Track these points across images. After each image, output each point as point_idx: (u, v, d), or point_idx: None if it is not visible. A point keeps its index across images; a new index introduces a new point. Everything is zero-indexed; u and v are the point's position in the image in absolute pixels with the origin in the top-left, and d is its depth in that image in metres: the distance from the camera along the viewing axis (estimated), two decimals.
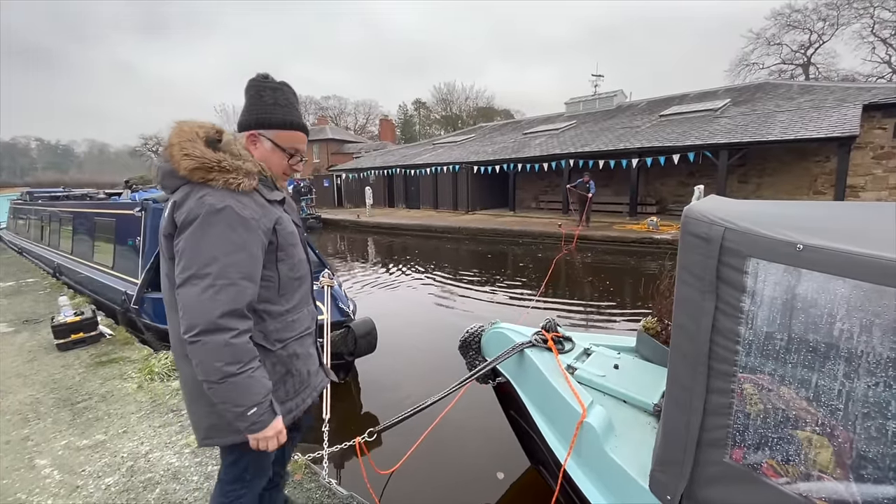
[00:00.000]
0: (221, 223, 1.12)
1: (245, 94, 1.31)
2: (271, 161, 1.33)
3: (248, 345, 1.14)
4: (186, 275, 1.10)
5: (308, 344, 1.45)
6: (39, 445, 2.65)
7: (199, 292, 1.09)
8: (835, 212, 1.45)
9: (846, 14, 28.51)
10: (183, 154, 1.15)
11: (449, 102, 49.37)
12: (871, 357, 0.95)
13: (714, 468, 1.20)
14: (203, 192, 1.14)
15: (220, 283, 1.10)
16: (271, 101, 1.29)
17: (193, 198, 1.13)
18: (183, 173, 1.15)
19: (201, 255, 1.10)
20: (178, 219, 1.13)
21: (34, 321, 5.21)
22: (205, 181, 1.15)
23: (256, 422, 1.15)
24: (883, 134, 11.71)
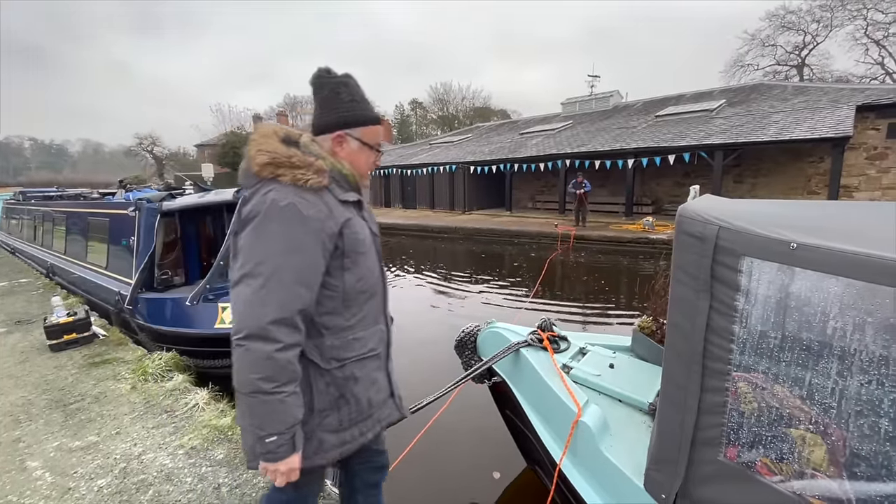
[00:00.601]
0: (281, 220, 1.05)
1: (315, 93, 1.23)
2: (358, 160, 1.25)
3: (290, 364, 1.04)
4: (240, 273, 1.05)
5: (372, 368, 1.28)
6: (31, 447, 2.63)
7: (251, 293, 1.02)
8: (828, 211, 1.45)
9: (840, 16, 28.73)
10: (257, 150, 1.11)
11: (445, 102, 49.35)
12: (864, 355, 0.95)
13: (708, 467, 1.20)
14: (269, 187, 1.08)
15: (272, 284, 1.02)
16: (349, 98, 1.22)
17: (259, 193, 1.08)
18: (255, 169, 1.10)
19: (257, 253, 1.04)
20: (243, 215, 1.09)
21: (26, 322, 5.16)
22: (273, 177, 1.09)
23: (272, 451, 1.04)
24: (876, 135, 11.80)
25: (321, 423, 1.17)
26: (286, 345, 1.03)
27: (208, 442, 2.61)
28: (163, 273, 4.62)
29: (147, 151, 45.16)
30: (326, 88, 1.22)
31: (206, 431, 2.69)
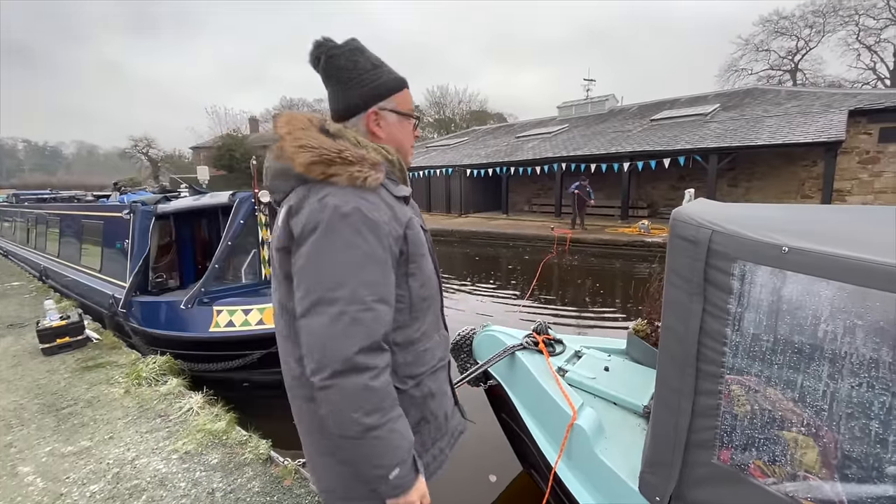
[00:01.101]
0: (350, 231, 0.86)
1: (327, 72, 0.99)
2: (401, 137, 1.06)
3: (389, 386, 0.90)
4: (311, 300, 0.85)
5: (443, 379, 1.16)
6: (23, 452, 2.60)
7: (329, 323, 0.84)
8: (820, 215, 1.47)
9: (832, 21, 29.09)
10: (297, 145, 0.90)
11: (442, 105, 49.46)
12: (855, 358, 0.96)
13: (702, 469, 1.20)
14: (324, 191, 0.89)
15: (353, 309, 0.85)
16: (370, 66, 1.00)
17: (313, 200, 0.88)
18: (299, 170, 0.90)
19: (327, 273, 0.85)
20: (296, 228, 0.88)
21: (19, 325, 5.11)
22: (325, 178, 0.90)
23: (399, 485, 0.90)
24: (868, 139, 11.92)
25: None
26: (380, 369, 0.88)
27: (202, 447, 2.59)
28: (157, 276, 4.60)
29: (142, 153, 44.95)
30: (341, 61, 0.98)
31: (201, 436, 2.68)
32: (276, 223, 0.97)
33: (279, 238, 0.93)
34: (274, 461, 2.45)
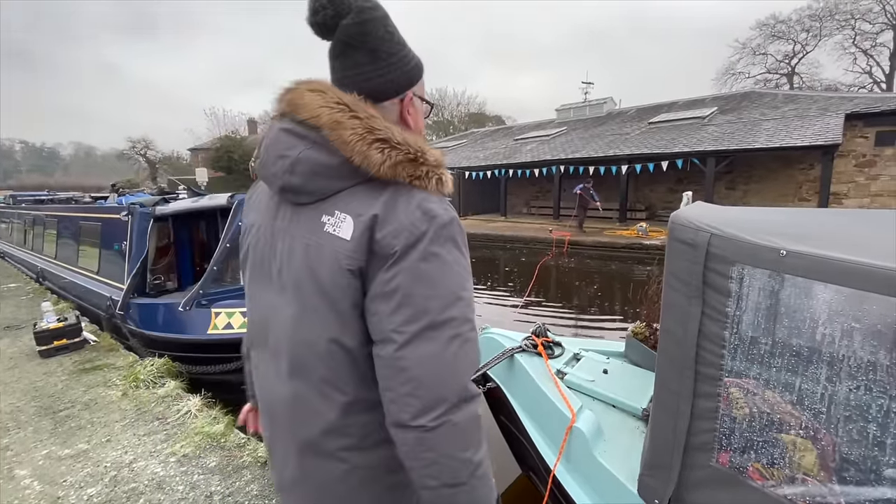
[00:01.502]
0: (452, 244, 0.74)
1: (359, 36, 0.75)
2: (422, 127, 0.92)
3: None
4: (420, 326, 0.69)
5: None
6: (19, 455, 2.59)
7: (441, 349, 0.70)
8: (818, 218, 1.47)
9: (828, 26, 29.29)
10: (376, 138, 0.72)
11: (441, 108, 49.55)
12: (853, 361, 0.96)
13: (701, 472, 1.20)
14: (417, 197, 0.73)
15: (464, 329, 0.73)
16: (400, 40, 0.81)
17: (408, 207, 0.72)
18: (377, 170, 0.72)
19: (439, 292, 0.71)
20: (389, 242, 0.70)
21: (16, 327, 5.09)
22: (411, 180, 0.75)
23: None
24: (865, 142, 11.99)
25: None
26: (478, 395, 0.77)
27: (200, 449, 2.58)
28: (155, 278, 4.59)
29: (140, 155, 44.88)
30: (379, 29, 0.77)
31: (199, 439, 2.67)
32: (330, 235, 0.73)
33: (350, 256, 0.71)
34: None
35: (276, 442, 0.87)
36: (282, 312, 0.78)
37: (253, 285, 0.87)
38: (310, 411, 0.78)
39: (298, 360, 0.77)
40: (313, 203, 0.76)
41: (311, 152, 0.74)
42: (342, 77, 0.79)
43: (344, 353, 0.75)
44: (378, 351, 0.72)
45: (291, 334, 0.77)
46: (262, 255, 0.83)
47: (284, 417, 0.81)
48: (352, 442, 0.78)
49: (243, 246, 0.91)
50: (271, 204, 0.83)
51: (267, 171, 0.79)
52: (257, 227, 0.86)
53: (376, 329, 0.72)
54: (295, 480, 0.83)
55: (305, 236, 0.76)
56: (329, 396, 0.76)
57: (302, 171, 0.74)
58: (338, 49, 0.78)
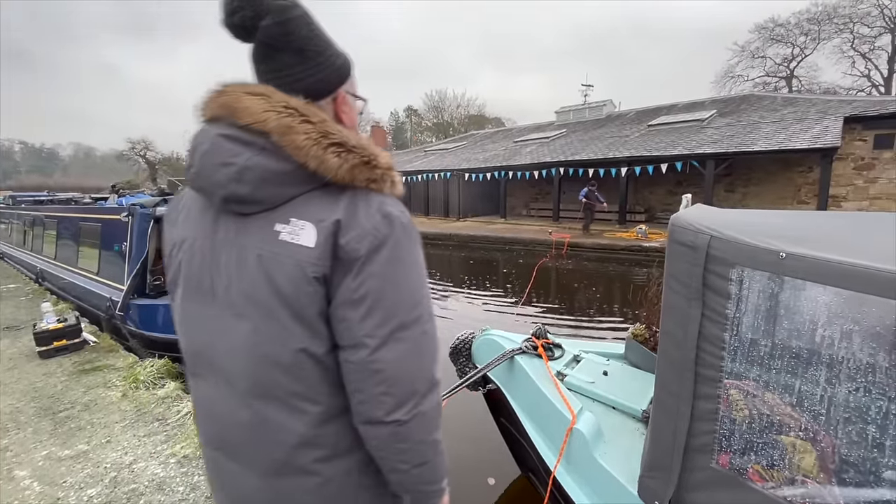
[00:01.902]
0: (413, 245, 0.76)
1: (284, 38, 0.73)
2: (356, 123, 0.90)
3: None
4: (391, 327, 0.71)
5: None
6: (19, 456, 2.58)
7: (413, 347, 0.74)
8: (816, 221, 1.48)
9: (827, 29, 29.41)
10: (331, 142, 0.71)
11: (440, 110, 49.66)
12: (852, 363, 0.97)
13: (701, 473, 1.21)
14: (375, 200, 0.74)
15: (429, 325, 0.77)
16: (325, 37, 0.80)
17: (370, 211, 0.72)
18: (334, 174, 0.71)
19: (405, 294, 0.73)
20: (357, 247, 0.70)
21: (15, 328, 5.09)
22: (367, 184, 0.74)
23: (445, 491, 0.87)
24: (863, 145, 12.03)
25: None
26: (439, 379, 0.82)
27: (201, 450, 2.58)
28: (155, 279, 4.59)
29: (140, 156, 44.91)
30: (303, 28, 0.75)
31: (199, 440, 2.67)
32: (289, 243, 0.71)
33: (315, 263, 0.69)
34: None
35: (226, 475, 0.82)
36: (234, 331, 0.74)
37: (188, 306, 0.80)
38: (277, 429, 0.75)
39: (261, 378, 0.73)
40: (262, 212, 0.73)
41: (260, 159, 0.70)
42: (270, 80, 0.76)
43: (314, 362, 0.73)
44: (348, 356, 0.72)
45: (249, 351, 0.73)
46: (199, 272, 0.77)
47: (244, 443, 0.77)
48: (325, 453, 0.77)
49: (172, 264, 0.83)
50: (207, 216, 0.78)
51: (206, 180, 0.73)
52: (190, 242, 0.79)
53: (345, 335, 0.71)
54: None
55: (258, 247, 0.72)
56: (300, 409, 0.74)
57: (250, 179, 0.70)
58: (261, 52, 0.76)
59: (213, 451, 0.84)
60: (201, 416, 0.85)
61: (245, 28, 0.73)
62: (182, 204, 0.86)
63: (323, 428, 0.75)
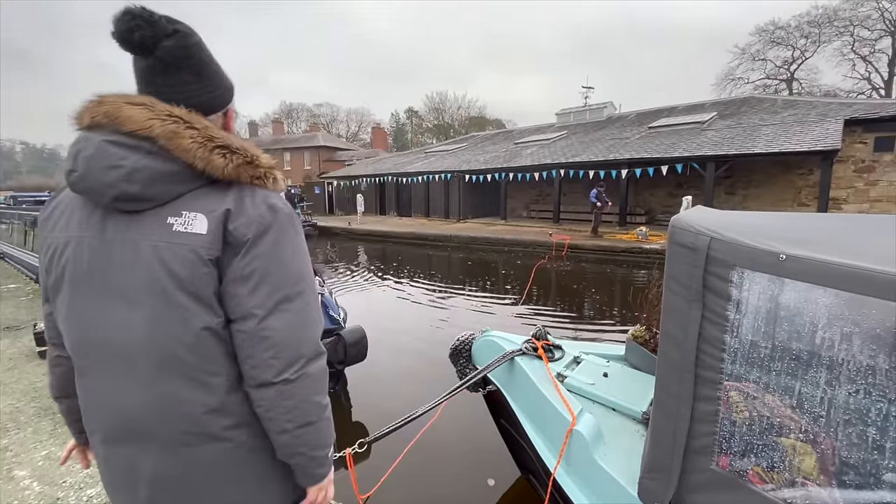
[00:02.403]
0: (295, 230, 0.89)
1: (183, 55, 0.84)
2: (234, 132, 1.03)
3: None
4: (276, 299, 0.83)
5: None
6: (19, 456, 2.58)
7: (296, 317, 0.85)
8: (817, 223, 1.49)
9: (827, 32, 29.46)
10: (216, 145, 0.82)
11: (441, 111, 49.75)
12: (852, 365, 0.97)
13: (701, 475, 1.21)
14: (260, 193, 0.87)
15: (311, 298, 0.89)
16: (216, 62, 0.94)
17: (255, 202, 0.84)
18: (220, 173, 0.82)
19: (288, 271, 0.85)
20: (245, 231, 0.81)
21: (15, 328, 5.09)
22: (251, 180, 0.87)
23: (330, 463, 0.95)
24: (864, 148, 12.05)
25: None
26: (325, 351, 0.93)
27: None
28: None
29: None
30: (202, 52, 0.88)
31: None
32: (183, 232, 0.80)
33: (208, 247, 0.80)
34: None
35: (124, 458, 0.86)
36: (132, 319, 0.80)
37: (79, 303, 0.84)
38: (183, 403, 0.82)
39: (163, 359, 0.80)
40: (153, 208, 0.81)
41: (148, 160, 0.78)
42: (166, 93, 0.84)
43: (216, 338, 0.82)
44: (239, 326, 0.82)
45: (150, 335, 0.79)
46: (89, 269, 0.82)
47: (149, 421, 0.82)
48: (234, 420, 0.85)
49: (56, 266, 0.85)
50: (93, 217, 0.83)
51: (93, 182, 0.79)
52: (75, 242, 0.83)
53: (236, 309, 0.82)
54: (165, 485, 0.85)
55: (152, 239, 0.79)
56: (205, 382, 0.83)
57: (140, 179, 0.78)
58: (159, 67, 0.83)
59: (108, 445, 0.87)
60: (97, 411, 0.87)
61: (144, 45, 0.81)
62: (57, 208, 0.90)
63: (229, 397, 0.85)
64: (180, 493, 0.86)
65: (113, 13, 0.81)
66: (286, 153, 34.68)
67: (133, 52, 0.83)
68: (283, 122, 45.33)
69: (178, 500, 0.86)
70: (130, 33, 0.79)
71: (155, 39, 0.80)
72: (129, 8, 0.79)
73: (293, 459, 0.90)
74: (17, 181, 53.67)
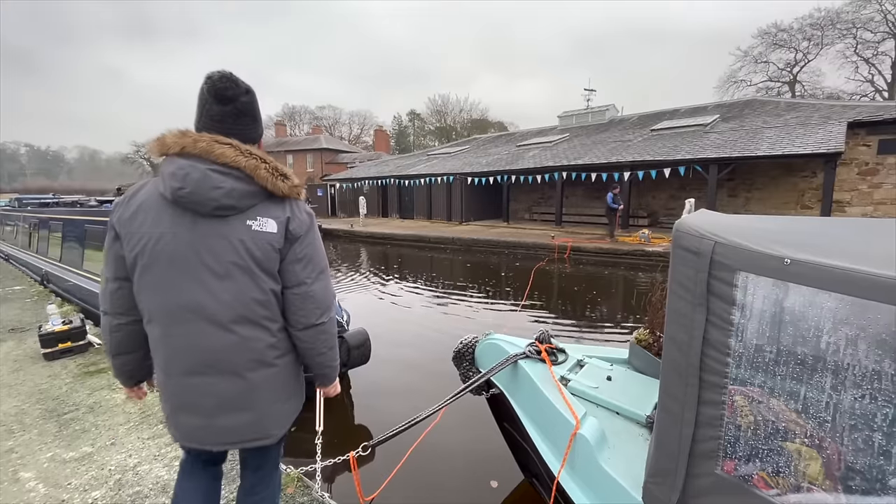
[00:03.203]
0: (319, 228, 1.40)
1: (250, 106, 1.29)
2: None
3: None
4: (317, 272, 1.34)
5: None
6: (24, 458, 2.59)
7: (327, 283, 1.37)
8: (822, 227, 1.49)
9: (830, 34, 29.43)
10: (280, 174, 1.27)
11: (443, 114, 49.81)
12: (858, 369, 0.97)
13: (706, 480, 1.21)
14: (300, 204, 1.34)
15: (328, 272, 1.41)
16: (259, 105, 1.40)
17: (301, 211, 1.33)
18: (285, 192, 1.28)
19: (320, 255, 1.36)
20: (298, 230, 1.29)
21: (20, 329, 5.12)
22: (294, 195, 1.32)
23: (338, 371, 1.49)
24: (867, 150, 12.00)
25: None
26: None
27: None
28: None
29: (144, 159, 45.18)
30: (256, 103, 1.32)
31: None
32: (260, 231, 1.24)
33: (278, 240, 1.26)
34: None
35: (204, 384, 1.25)
36: (221, 287, 1.21)
37: (172, 275, 1.20)
38: (254, 341, 1.27)
39: (243, 312, 1.24)
40: (237, 214, 1.22)
41: (238, 184, 1.20)
42: (233, 128, 1.25)
43: (276, 297, 1.30)
44: (295, 290, 1.30)
45: (236, 297, 1.22)
46: (182, 254, 1.19)
47: (228, 356, 1.24)
48: (281, 352, 1.34)
49: (150, 250, 1.20)
50: (183, 218, 1.19)
51: (200, 196, 1.17)
52: (171, 235, 1.19)
53: (292, 279, 1.30)
54: (235, 399, 1.27)
55: (239, 234, 1.22)
56: (267, 327, 1.29)
57: (235, 195, 1.20)
58: (234, 112, 1.25)
59: (191, 376, 1.25)
60: (184, 353, 1.24)
61: (229, 98, 1.24)
62: (140, 210, 1.22)
63: (279, 335, 1.32)
64: (241, 403, 1.28)
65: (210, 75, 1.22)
66: (289, 155, 34.76)
67: (221, 102, 1.23)
68: (285, 125, 45.48)
69: (239, 408, 1.28)
70: (225, 91, 1.22)
71: (238, 95, 1.25)
72: (225, 73, 1.23)
73: (323, 370, 1.43)
74: (21, 183, 53.94)
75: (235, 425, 1.29)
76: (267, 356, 1.29)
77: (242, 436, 1.32)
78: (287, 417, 1.41)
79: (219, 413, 1.27)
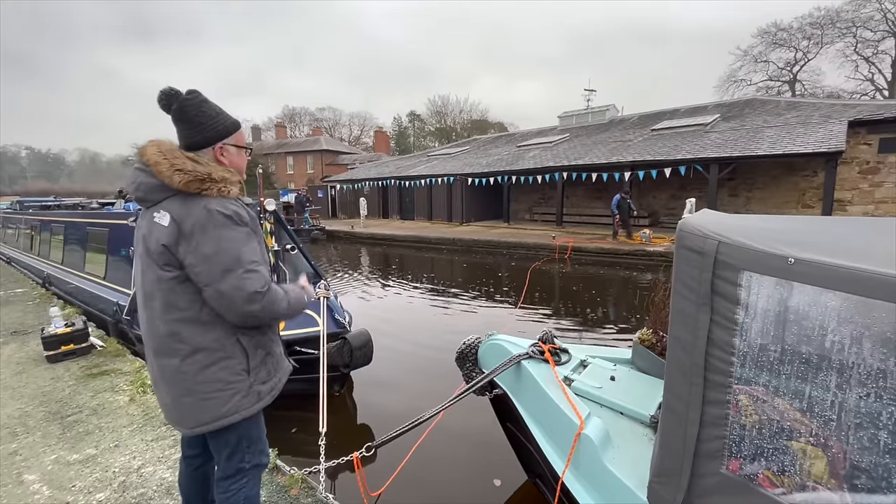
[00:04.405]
0: (226, 226, 1.36)
1: (180, 114, 1.38)
2: (240, 164, 1.52)
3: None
4: (222, 269, 1.33)
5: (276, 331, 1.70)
6: (28, 460, 2.60)
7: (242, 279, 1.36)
8: (824, 226, 1.49)
9: (830, 33, 29.43)
10: (176, 169, 1.33)
11: (443, 115, 49.86)
12: (862, 368, 0.97)
13: (711, 479, 1.21)
14: (202, 201, 1.36)
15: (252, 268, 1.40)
16: (214, 113, 1.43)
17: (198, 207, 1.34)
18: (182, 187, 1.33)
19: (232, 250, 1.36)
20: (192, 226, 1.33)
21: (22, 332, 5.12)
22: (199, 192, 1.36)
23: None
24: (868, 149, 12.00)
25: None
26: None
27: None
28: None
29: None
30: (191, 108, 1.39)
31: None
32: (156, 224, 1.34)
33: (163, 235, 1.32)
34: (280, 470, 2.45)
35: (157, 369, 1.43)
36: (148, 275, 1.38)
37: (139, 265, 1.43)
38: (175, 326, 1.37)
39: (162, 299, 1.36)
40: (149, 207, 1.37)
41: (148, 178, 1.35)
42: (179, 134, 1.42)
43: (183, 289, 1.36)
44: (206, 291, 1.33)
45: (154, 285, 1.36)
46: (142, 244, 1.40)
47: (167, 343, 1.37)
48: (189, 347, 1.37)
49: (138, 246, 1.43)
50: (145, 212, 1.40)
51: (130, 189, 1.40)
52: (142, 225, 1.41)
53: (199, 279, 1.32)
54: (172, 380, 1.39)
55: (148, 226, 1.36)
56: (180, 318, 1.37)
57: (143, 189, 1.36)
58: (175, 121, 1.41)
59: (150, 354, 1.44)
60: (144, 334, 1.44)
61: (167, 111, 1.40)
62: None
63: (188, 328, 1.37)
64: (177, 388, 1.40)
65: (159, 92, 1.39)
66: (289, 157, 34.80)
67: (166, 112, 1.40)
68: (285, 127, 45.54)
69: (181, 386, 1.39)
70: (162, 105, 1.39)
71: (170, 106, 1.39)
72: (163, 89, 1.39)
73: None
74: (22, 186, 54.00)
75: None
76: (180, 348, 1.37)
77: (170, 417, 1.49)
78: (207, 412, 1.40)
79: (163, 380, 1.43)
